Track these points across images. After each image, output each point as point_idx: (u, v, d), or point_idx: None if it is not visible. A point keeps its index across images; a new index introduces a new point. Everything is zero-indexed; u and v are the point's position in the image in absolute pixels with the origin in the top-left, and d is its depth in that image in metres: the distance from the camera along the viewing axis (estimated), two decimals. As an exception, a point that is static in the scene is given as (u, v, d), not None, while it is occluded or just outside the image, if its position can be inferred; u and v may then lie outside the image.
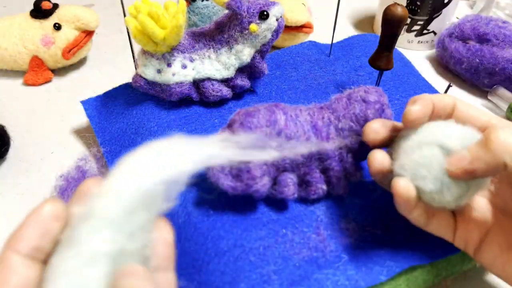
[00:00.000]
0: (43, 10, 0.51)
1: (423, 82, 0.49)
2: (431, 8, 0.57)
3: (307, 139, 0.32)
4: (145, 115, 0.43)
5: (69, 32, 0.52)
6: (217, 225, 0.33)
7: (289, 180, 0.33)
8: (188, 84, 0.42)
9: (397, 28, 0.39)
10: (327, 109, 0.34)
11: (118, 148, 0.42)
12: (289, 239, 0.32)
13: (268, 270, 0.30)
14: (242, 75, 0.44)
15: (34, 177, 0.42)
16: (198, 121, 0.42)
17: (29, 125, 0.48)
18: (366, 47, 0.53)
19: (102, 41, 0.62)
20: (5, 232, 0.23)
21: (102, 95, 0.47)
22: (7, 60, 0.52)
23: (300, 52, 0.52)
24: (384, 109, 0.32)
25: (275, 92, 0.47)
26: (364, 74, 0.50)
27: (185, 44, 0.41)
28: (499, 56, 0.50)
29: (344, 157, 0.33)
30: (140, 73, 0.41)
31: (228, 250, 0.31)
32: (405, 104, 0.47)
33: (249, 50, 0.41)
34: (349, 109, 0.32)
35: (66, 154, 0.44)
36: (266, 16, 0.39)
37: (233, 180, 0.32)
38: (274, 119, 0.32)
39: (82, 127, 0.48)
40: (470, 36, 0.53)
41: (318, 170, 0.34)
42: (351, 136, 0.33)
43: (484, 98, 0.53)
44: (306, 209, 0.35)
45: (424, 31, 0.59)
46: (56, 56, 0.52)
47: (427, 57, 0.60)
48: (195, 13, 0.53)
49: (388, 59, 0.42)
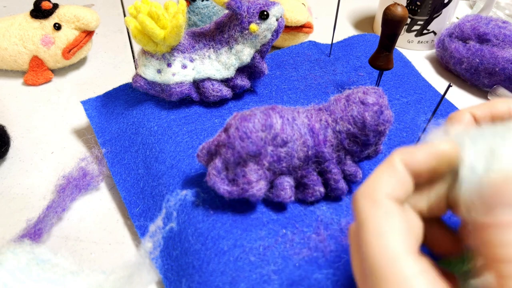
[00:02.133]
0: (43, 10, 0.52)
1: (423, 82, 0.49)
2: (431, 8, 0.57)
3: (303, 142, 0.32)
4: (145, 115, 0.43)
5: (69, 32, 0.52)
6: (217, 225, 0.33)
7: (286, 184, 0.33)
8: (188, 84, 0.42)
9: (397, 28, 0.39)
10: (325, 111, 0.33)
11: (118, 148, 0.42)
12: (289, 239, 0.32)
13: (268, 270, 0.30)
14: (242, 75, 0.44)
15: (34, 177, 0.42)
16: (198, 121, 0.42)
17: (29, 125, 0.48)
18: (366, 47, 0.53)
19: (102, 41, 0.62)
20: (5, 232, 0.23)
21: (102, 95, 0.47)
22: (7, 60, 0.52)
23: (300, 52, 0.52)
24: (383, 110, 0.32)
25: (275, 92, 0.47)
26: (364, 74, 0.50)
27: (185, 44, 0.41)
28: (499, 56, 0.50)
29: (342, 159, 0.33)
30: (140, 73, 0.41)
31: (228, 250, 0.31)
32: (405, 104, 0.47)
33: (249, 50, 0.41)
34: (347, 111, 0.32)
35: (66, 154, 0.44)
36: (266, 16, 0.39)
37: (229, 185, 0.32)
38: (270, 123, 0.31)
39: (82, 127, 0.48)
40: (470, 36, 0.53)
41: (315, 173, 0.34)
42: (349, 138, 0.32)
43: (484, 98, 0.53)
44: (306, 209, 0.35)
45: (424, 31, 0.59)
46: (56, 56, 0.52)
47: (427, 57, 0.60)
48: (195, 13, 0.53)
49: (388, 59, 0.42)
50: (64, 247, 0.36)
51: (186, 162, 0.38)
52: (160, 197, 0.36)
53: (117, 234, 0.37)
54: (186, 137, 0.40)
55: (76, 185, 0.39)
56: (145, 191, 0.38)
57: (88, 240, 0.37)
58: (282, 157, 0.32)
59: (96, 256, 0.35)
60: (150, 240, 0.31)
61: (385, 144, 0.41)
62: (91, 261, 0.35)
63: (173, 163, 0.38)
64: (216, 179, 0.32)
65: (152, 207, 0.36)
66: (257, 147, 0.31)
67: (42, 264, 0.28)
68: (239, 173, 0.31)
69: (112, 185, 0.41)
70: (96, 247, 0.36)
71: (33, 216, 0.37)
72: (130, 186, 0.39)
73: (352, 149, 0.33)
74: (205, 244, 0.32)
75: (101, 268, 0.31)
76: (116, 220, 0.38)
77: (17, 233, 0.35)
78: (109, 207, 0.39)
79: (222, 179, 0.32)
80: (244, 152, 0.31)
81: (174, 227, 0.33)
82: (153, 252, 0.31)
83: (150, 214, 0.36)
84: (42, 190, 0.41)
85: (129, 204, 0.37)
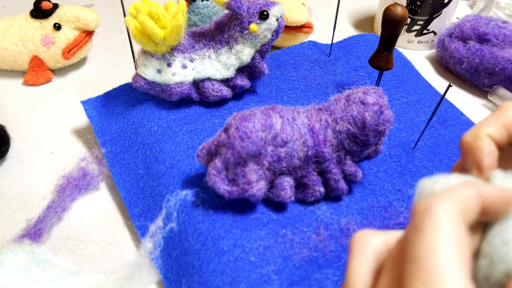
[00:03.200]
0: (43, 10, 0.51)
1: (423, 82, 0.49)
2: (431, 8, 0.57)
3: (303, 142, 0.32)
4: (145, 115, 0.43)
5: (69, 32, 0.52)
6: (217, 225, 0.33)
7: (286, 184, 0.33)
8: (188, 84, 0.42)
9: (397, 28, 0.39)
10: (325, 110, 0.33)
11: (118, 148, 0.42)
12: (289, 239, 0.32)
13: (268, 270, 0.30)
14: (242, 75, 0.44)
15: (34, 177, 0.42)
16: (198, 121, 0.42)
17: (29, 125, 0.48)
18: (366, 47, 0.53)
19: (102, 41, 0.62)
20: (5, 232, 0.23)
21: (102, 95, 0.47)
22: (7, 60, 0.52)
23: (300, 52, 0.52)
24: (383, 110, 0.32)
25: (275, 92, 0.47)
26: (364, 74, 0.50)
27: (185, 44, 0.41)
28: (499, 56, 0.50)
29: (342, 159, 0.33)
30: (140, 73, 0.41)
31: (228, 250, 0.31)
32: (405, 104, 0.47)
33: (249, 50, 0.41)
34: (347, 111, 0.32)
35: (66, 154, 0.44)
36: (266, 16, 0.39)
37: (229, 185, 0.32)
38: (270, 124, 0.31)
39: (82, 127, 0.48)
40: (470, 36, 0.53)
41: (315, 173, 0.34)
42: (349, 138, 0.32)
43: (484, 98, 0.53)
44: (306, 209, 0.35)
45: (424, 31, 0.59)
46: (56, 56, 0.52)
47: (427, 57, 0.60)
48: (195, 13, 0.53)
49: (388, 59, 0.42)
50: (64, 247, 0.36)
51: (186, 162, 0.38)
52: (160, 197, 0.36)
53: (117, 234, 0.37)
54: (186, 137, 0.40)
55: (76, 185, 0.39)
56: (145, 191, 0.38)
57: (88, 240, 0.37)
58: (282, 157, 0.32)
59: (96, 256, 0.35)
60: (150, 240, 0.31)
61: (385, 144, 0.41)
62: (91, 261, 0.35)
63: (173, 163, 0.38)
64: (216, 179, 0.32)
65: (152, 207, 0.36)
66: (257, 147, 0.31)
67: (42, 264, 0.28)
68: (239, 173, 0.31)
69: (112, 185, 0.41)
70: (96, 247, 0.36)
71: (33, 216, 0.37)
72: (130, 186, 0.39)
73: (352, 149, 0.33)
74: (205, 244, 0.32)
75: (101, 268, 0.31)
76: (116, 220, 0.38)
77: (17, 233, 0.35)
78: (109, 207, 0.39)
79: (222, 179, 0.32)
80: (244, 152, 0.31)
81: (174, 227, 0.33)
82: (153, 252, 0.31)
83: (150, 214, 0.36)
84: (42, 190, 0.41)
85: (129, 204, 0.37)
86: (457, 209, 0.20)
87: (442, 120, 0.44)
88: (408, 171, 0.39)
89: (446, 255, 0.18)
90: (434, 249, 0.18)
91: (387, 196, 0.36)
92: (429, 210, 0.20)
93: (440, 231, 0.19)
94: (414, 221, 0.20)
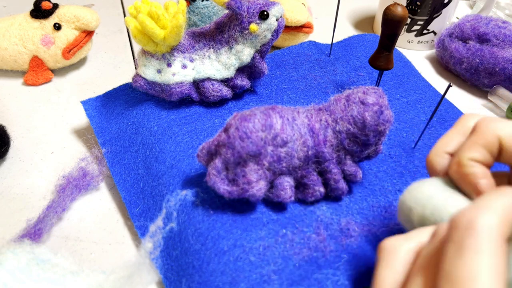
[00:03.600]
0: (43, 10, 0.52)
1: (423, 82, 0.49)
2: (431, 8, 0.57)
3: (303, 142, 0.32)
4: (145, 115, 0.43)
5: (69, 32, 0.52)
6: (217, 225, 0.33)
7: (285, 184, 0.33)
8: (188, 84, 0.42)
9: (397, 28, 0.39)
10: (325, 110, 0.33)
11: (118, 148, 0.42)
12: (289, 239, 0.32)
13: (268, 270, 0.30)
14: (242, 75, 0.44)
15: (34, 177, 0.42)
16: (198, 121, 0.42)
17: (29, 125, 0.48)
18: (366, 47, 0.53)
19: (102, 41, 0.62)
20: (5, 232, 0.23)
21: (102, 95, 0.47)
22: (7, 60, 0.52)
23: (300, 52, 0.52)
24: (383, 110, 0.32)
25: (275, 92, 0.47)
26: (364, 74, 0.50)
27: (185, 44, 0.41)
28: (499, 56, 0.50)
29: (342, 159, 0.33)
30: (140, 73, 0.41)
31: (228, 250, 0.31)
32: (405, 104, 0.47)
33: (249, 50, 0.41)
34: (347, 111, 0.32)
35: (66, 154, 0.44)
36: (266, 16, 0.39)
37: (229, 185, 0.32)
38: (269, 124, 0.31)
39: (82, 127, 0.48)
40: (470, 36, 0.53)
41: (315, 173, 0.34)
42: (349, 138, 0.32)
43: (484, 98, 0.53)
44: (306, 209, 0.35)
45: (424, 31, 0.59)
46: (56, 56, 0.52)
47: (427, 57, 0.60)
48: (195, 13, 0.53)
49: (388, 59, 0.42)
50: (64, 247, 0.36)
51: (186, 162, 0.38)
52: (160, 197, 0.36)
53: (117, 234, 0.37)
54: (186, 137, 0.40)
55: (76, 185, 0.39)
56: (145, 191, 0.38)
57: (88, 240, 0.37)
58: (282, 157, 0.32)
59: (96, 256, 0.35)
60: (150, 240, 0.31)
61: (385, 144, 0.41)
62: (91, 261, 0.35)
63: (173, 163, 0.38)
64: (216, 179, 0.32)
65: (152, 207, 0.36)
66: (257, 147, 0.31)
67: (42, 264, 0.28)
68: (239, 173, 0.31)
69: (112, 185, 0.41)
70: (96, 247, 0.36)
71: (33, 216, 0.37)
72: (130, 186, 0.39)
73: (352, 149, 0.33)
74: (205, 244, 0.32)
75: (101, 268, 0.31)
76: (116, 220, 0.38)
77: (17, 233, 0.35)
78: (109, 207, 0.39)
79: (222, 179, 0.32)
80: (244, 152, 0.31)
81: (174, 227, 0.33)
82: (153, 252, 0.31)
83: (150, 214, 0.36)
84: (42, 190, 0.41)
85: (129, 204, 0.37)
86: (499, 224, 0.20)
87: (442, 120, 0.44)
88: (408, 171, 0.39)
89: (486, 284, 0.18)
90: (475, 275, 0.18)
91: (387, 196, 0.36)
92: (470, 228, 0.20)
93: (483, 257, 0.19)
94: (454, 237, 0.20)
